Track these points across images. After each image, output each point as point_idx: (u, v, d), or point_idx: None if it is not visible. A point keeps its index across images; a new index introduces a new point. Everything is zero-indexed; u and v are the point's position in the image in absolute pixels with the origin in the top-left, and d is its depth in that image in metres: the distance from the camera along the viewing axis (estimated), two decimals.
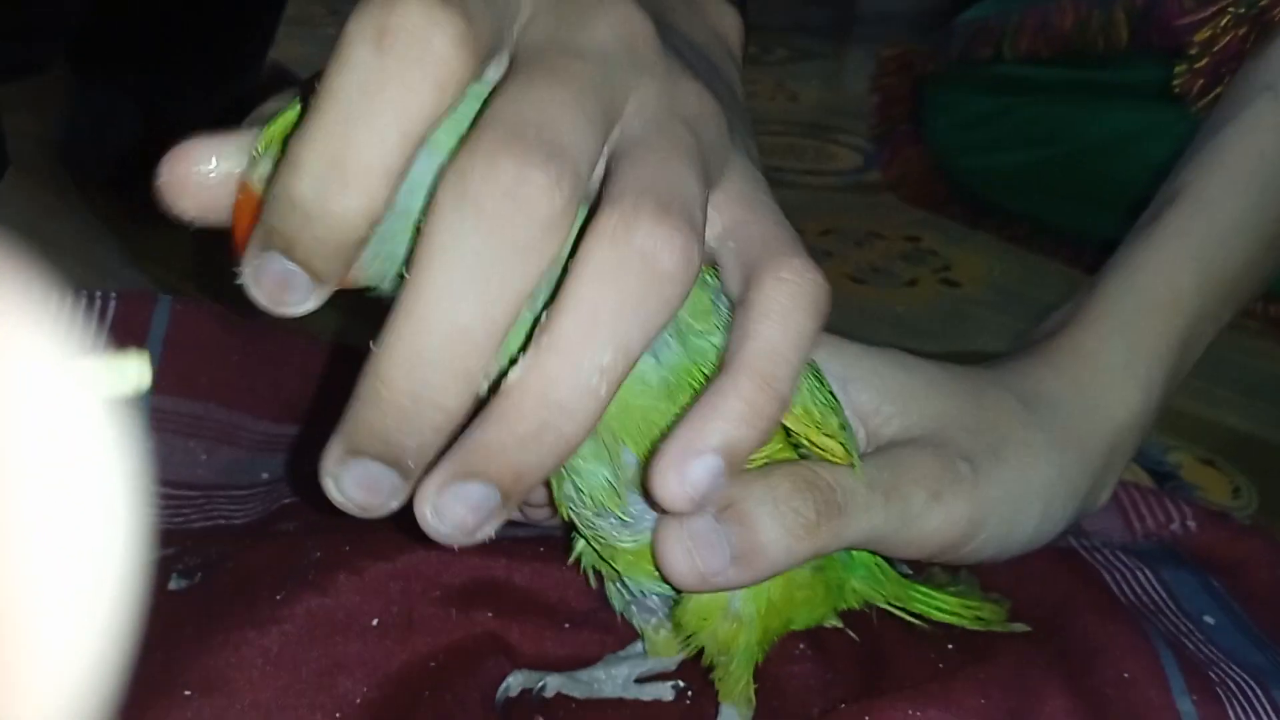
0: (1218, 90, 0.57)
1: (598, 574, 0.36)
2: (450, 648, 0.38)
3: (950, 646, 0.40)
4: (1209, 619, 0.44)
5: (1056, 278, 0.87)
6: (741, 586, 0.31)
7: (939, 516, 0.36)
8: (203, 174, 0.28)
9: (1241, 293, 0.50)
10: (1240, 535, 0.50)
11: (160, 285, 0.67)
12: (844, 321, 0.80)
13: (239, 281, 0.26)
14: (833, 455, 0.32)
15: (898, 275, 0.87)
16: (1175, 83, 0.60)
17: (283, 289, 0.25)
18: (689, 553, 0.30)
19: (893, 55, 1.02)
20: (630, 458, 0.30)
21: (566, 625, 0.39)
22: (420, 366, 0.24)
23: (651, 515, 0.31)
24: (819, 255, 0.89)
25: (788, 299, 0.28)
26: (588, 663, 0.38)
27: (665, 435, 0.29)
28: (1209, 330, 0.48)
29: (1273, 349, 0.77)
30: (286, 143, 0.26)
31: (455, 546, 0.26)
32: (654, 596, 0.35)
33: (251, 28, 0.88)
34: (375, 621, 0.37)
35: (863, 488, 0.33)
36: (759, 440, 0.28)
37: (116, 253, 0.67)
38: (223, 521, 0.46)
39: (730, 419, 0.27)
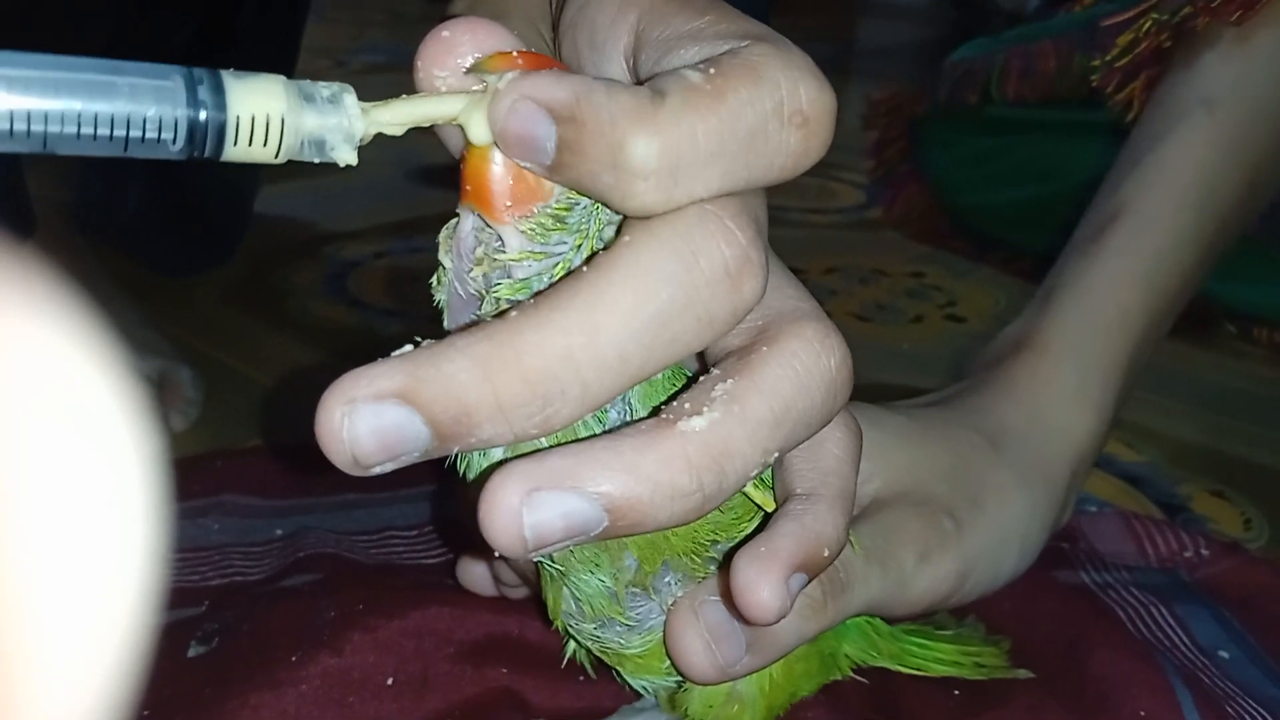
0: (1133, 85, 0.59)
1: (595, 661, 0.35)
2: (465, 704, 0.38)
3: (957, 692, 0.40)
4: (1224, 653, 0.44)
5: None
6: (754, 672, 0.31)
7: (929, 576, 0.37)
8: (448, 71, 0.25)
9: (1179, 308, 0.51)
10: (1253, 567, 0.50)
11: (175, 345, 0.68)
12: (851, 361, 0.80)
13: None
14: None
15: (903, 312, 0.88)
16: (1092, 78, 0.62)
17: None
18: (708, 647, 0.29)
19: (882, 99, 1.03)
20: (631, 560, 0.30)
21: (581, 679, 0.39)
22: (565, 361, 0.22)
23: (656, 615, 0.31)
24: (823, 293, 0.90)
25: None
26: (603, 715, 0.38)
27: (667, 534, 0.28)
28: (1151, 347, 0.50)
29: (1279, 377, 0.77)
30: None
31: (508, 542, 0.22)
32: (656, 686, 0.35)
33: None
34: (390, 680, 0.38)
35: (860, 560, 0.34)
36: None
37: (132, 314, 0.68)
38: (239, 578, 0.47)
39: (817, 543, 0.27)
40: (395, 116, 0.23)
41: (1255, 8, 0.53)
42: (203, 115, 0.20)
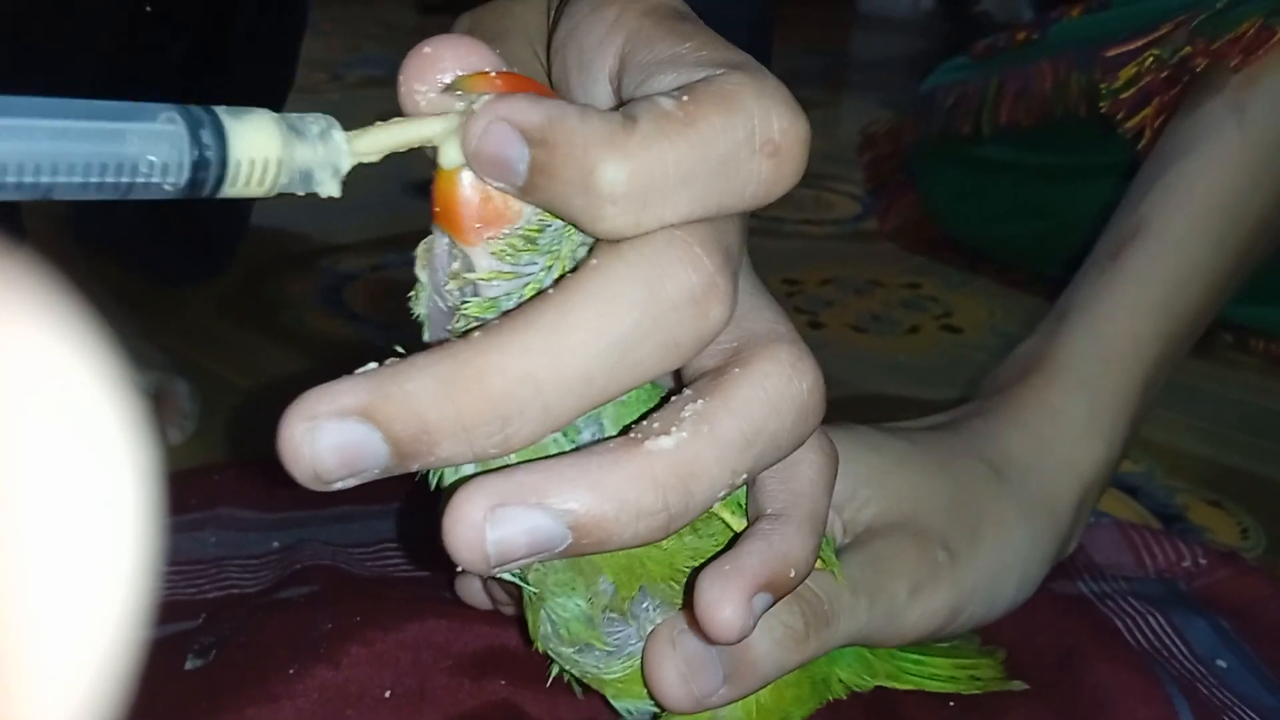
0: (1145, 112, 0.58)
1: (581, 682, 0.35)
2: (464, 717, 0.38)
3: (952, 704, 0.40)
4: (1221, 662, 0.44)
5: None
6: (733, 702, 0.31)
7: (920, 609, 0.36)
8: (428, 86, 0.25)
9: (1198, 333, 0.49)
10: (1250, 576, 0.50)
11: (171, 356, 0.68)
12: (847, 372, 0.81)
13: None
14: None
15: (899, 323, 0.88)
16: (1101, 104, 0.61)
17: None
18: (683, 677, 0.29)
19: (876, 133, 1.03)
20: (606, 585, 0.30)
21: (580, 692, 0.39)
22: (526, 382, 0.22)
23: (635, 640, 0.31)
24: (819, 305, 0.90)
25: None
26: None
27: (644, 559, 0.28)
28: (1167, 373, 0.48)
29: (1276, 387, 0.77)
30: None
31: (469, 555, 0.22)
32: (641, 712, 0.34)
33: (260, 97, 0.90)
34: (388, 693, 0.37)
35: (847, 592, 0.33)
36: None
37: (128, 326, 0.68)
38: (235, 591, 0.47)
39: (783, 563, 0.27)
40: (374, 145, 0.23)
41: (1258, 52, 0.51)
42: (207, 160, 0.21)
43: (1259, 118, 0.50)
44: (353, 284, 0.90)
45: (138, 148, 0.20)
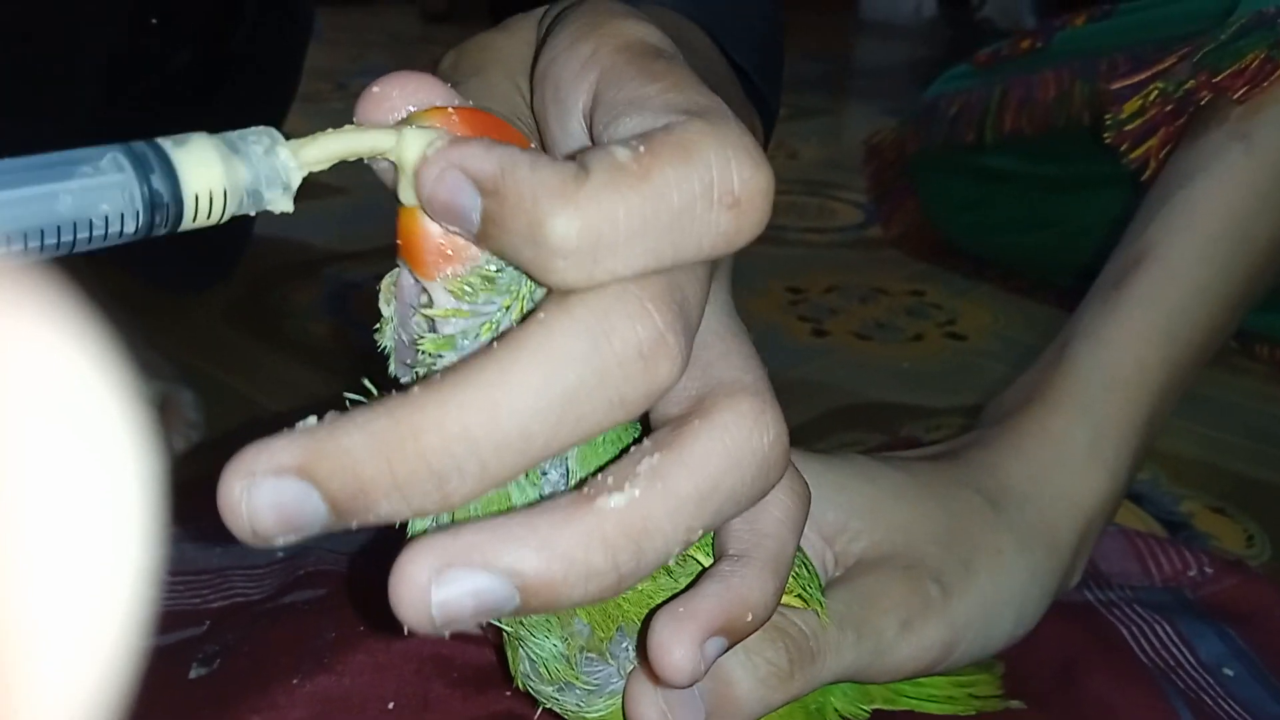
0: (1150, 143, 0.58)
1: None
2: None
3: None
4: (1228, 670, 0.44)
5: (1062, 326, 0.87)
6: None
7: (911, 645, 0.35)
8: (386, 120, 0.25)
9: (1206, 360, 0.48)
10: (1255, 584, 0.50)
11: (176, 365, 0.68)
12: (851, 380, 0.81)
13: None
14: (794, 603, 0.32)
15: (903, 330, 0.88)
16: (1106, 135, 0.61)
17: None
18: (664, 716, 0.29)
19: (881, 143, 1.03)
20: (581, 626, 0.29)
21: None
22: (462, 440, 0.21)
23: (616, 679, 0.31)
24: (823, 312, 0.90)
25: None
26: None
27: (619, 601, 0.28)
28: (1173, 402, 0.47)
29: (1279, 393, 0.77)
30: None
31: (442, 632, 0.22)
32: None
33: (264, 106, 0.91)
34: (391, 704, 0.37)
35: (834, 629, 0.33)
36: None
37: (134, 334, 0.68)
38: (240, 599, 0.47)
39: (740, 607, 0.26)
40: (323, 154, 0.23)
41: (1263, 84, 0.50)
42: (160, 203, 0.20)
43: (1266, 140, 0.50)
44: (357, 292, 0.90)
45: (88, 201, 0.19)
